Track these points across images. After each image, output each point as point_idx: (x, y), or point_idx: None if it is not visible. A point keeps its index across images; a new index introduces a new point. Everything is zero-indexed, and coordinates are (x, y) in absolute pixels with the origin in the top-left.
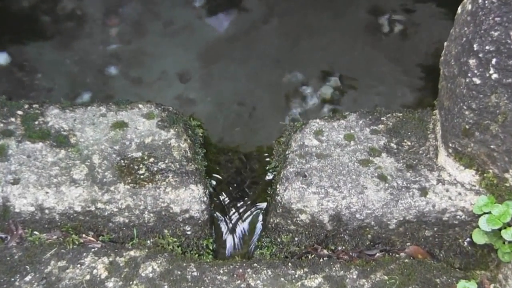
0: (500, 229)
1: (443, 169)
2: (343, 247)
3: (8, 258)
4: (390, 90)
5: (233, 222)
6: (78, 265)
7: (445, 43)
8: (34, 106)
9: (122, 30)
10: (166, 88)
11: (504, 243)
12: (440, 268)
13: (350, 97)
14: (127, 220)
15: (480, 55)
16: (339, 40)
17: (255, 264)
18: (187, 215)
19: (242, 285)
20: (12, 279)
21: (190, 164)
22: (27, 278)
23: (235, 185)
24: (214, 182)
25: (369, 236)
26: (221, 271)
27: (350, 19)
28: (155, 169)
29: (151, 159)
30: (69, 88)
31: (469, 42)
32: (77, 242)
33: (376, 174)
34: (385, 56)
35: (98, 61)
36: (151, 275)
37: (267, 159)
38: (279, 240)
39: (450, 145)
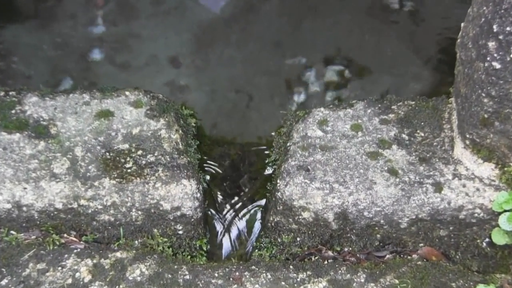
0: None
1: (459, 163)
2: (350, 248)
3: None
4: (401, 76)
5: (229, 220)
6: (59, 268)
7: (462, 24)
8: (10, 93)
9: (107, 11)
10: (156, 74)
11: None
12: (456, 271)
13: (357, 84)
14: (112, 219)
15: (500, 37)
16: (345, 21)
17: (253, 267)
18: (178, 213)
19: None
20: None
21: (182, 157)
22: (3, 282)
23: (231, 180)
24: (208, 177)
25: (378, 236)
26: (216, 274)
27: None
28: (144, 162)
29: (139, 152)
30: (49, 74)
31: (488, 23)
32: (58, 243)
33: (386, 168)
34: (396, 38)
35: (81, 44)
36: (139, 278)
37: (266, 152)
38: (279, 240)
39: (468, 136)
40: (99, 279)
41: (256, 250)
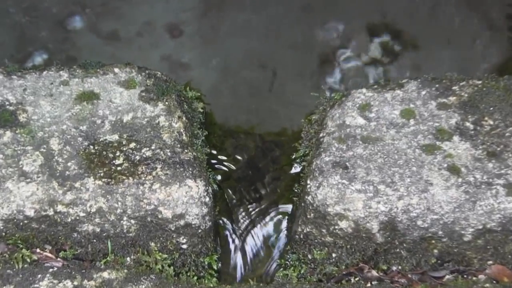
0: None
1: None
2: (399, 267)
3: None
4: (464, 50)
5: (245, 232)
6: None
7: None
8: None
9: None
10: (152, 46)
11: None
12: None
13: (408, 59)
14: (98, 229)
15: None
16: None
17: None
18: (182, 222)
19: None
20: None
21: (186, 151)
22: None
23: (248, 180)
24: (219, 177)
25: (435, 251)
26: None
27: None
28: (138, 158)
29: (132, 145)
30: (16, 46)
31: None
32: (28, 260)
33: (445, 165)
34: (456, 2)
35: (56, 9)
36: None
37: (293, 145)
38: (310, 257)
39: None
40: None
41: (281, 270)
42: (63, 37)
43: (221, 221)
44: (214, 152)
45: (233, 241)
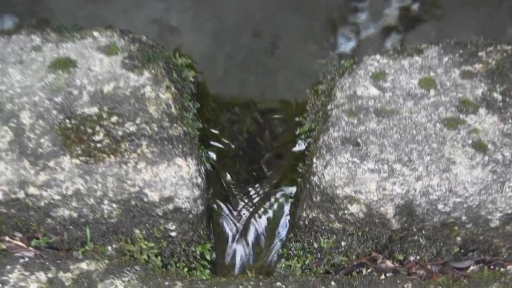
0: None
1: None
2: (418, 257)
3: None
4: (491, 11)
5: (243, 218)
6: None
7: None
8: None
9: None
10: (137, 7)
11: None
12: None
13: (429, 22)
14: (75, 214)
15: None
16: None
17: (279, 284)
18: (170, 206)
19: None
20: None
21: (175, 126)
22: None
23: (246, 159)
24: (213, 155)
25: (458, 239)
26: None
27: None
28: (120, 133)
29: (114, 118)
30: None
31: None
32: None
33: (469, 142)
34: None
35: None
36: None
37: (297, 119)
38: (316, 246)
39: None
40: None
41: (283, 260)
42: None
43: (215, 205)
44: (208, 127)
45: (229, 228)
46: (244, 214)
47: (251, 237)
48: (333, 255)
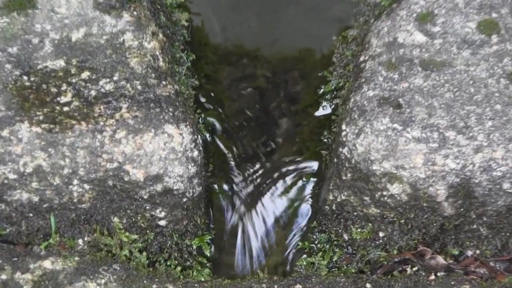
0: None
1: None
2: (477, 252)
3: None
4: None
5: (250, 202)
6: None
7: None
8: None
9: None
10: None
11: None
12: None
13: None
14: (36, 198)
15: None
16: None
17: (299, 287)
18: (158, 187)
19: None
20: None
21: (164, 83)
22: None
23: (254, 127)
24: (214, 122)
25: None
26: None
27: None
28: (93, 94)
29: (85, 74)
30: None
31: None
32: None
33: None
34: None
35: None
36: None
37: (320, 74)
38: (346, 237)
39: None
40: None
41: (304, 256)
42: None
43: (216, 186)
44: (206, 84)
45: (233, 215)
46: (252, 197)
47: (261, 227)
48: (368, 249)
